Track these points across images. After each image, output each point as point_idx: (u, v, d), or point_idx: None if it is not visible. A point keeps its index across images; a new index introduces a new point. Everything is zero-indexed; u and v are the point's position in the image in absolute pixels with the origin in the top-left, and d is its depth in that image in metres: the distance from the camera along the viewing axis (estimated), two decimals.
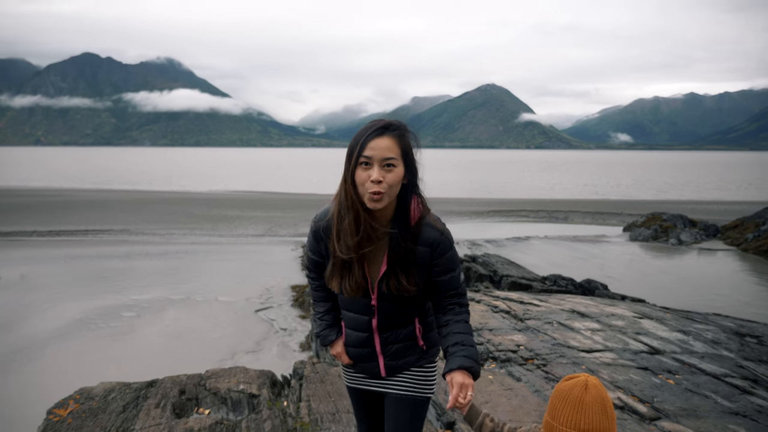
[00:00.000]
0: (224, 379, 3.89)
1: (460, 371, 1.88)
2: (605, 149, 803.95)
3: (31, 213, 24.85)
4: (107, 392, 3.67)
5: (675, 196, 38.08)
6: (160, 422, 3.41)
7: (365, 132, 1.92)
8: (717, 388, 3.52)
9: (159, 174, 64.20)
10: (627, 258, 16.24)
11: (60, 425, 3.35)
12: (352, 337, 2.17)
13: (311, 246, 2.18)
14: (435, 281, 2.03)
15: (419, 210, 2.01)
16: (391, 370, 2.15)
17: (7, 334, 8.61)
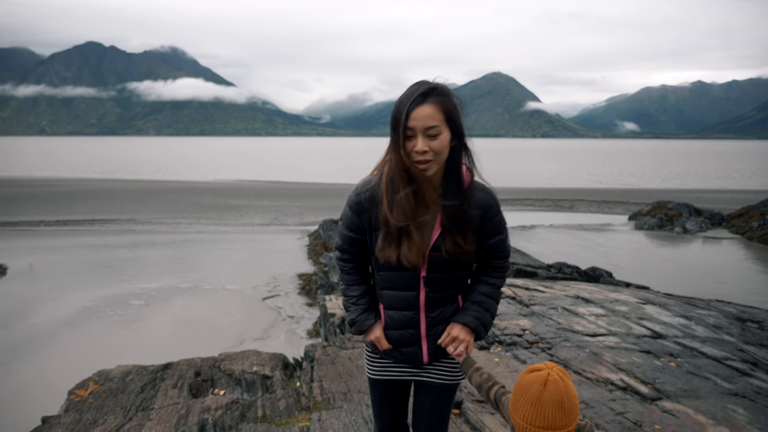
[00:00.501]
0: (238, 361, 4.00)
1: (463, 327, 1.95)
2: (612, 138, 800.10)
3: (38, 203, 24.98)
4: (125, 374, 3.80)
5: (681, 185, 37.94)
6: (178, 401, 3.52)
7: (407, 100, 1.86)
8: (717, 371, 3.58)
9: (164, 163, 64.35)
10: (632, 246, 16.24)
11: (82, 404, 3.47)
12: (395, 319, 2.08)
13: (350, 222, 2.08)
14: (485, 244, 2.02)
15: (469, 174, 2.00)
16: (434, 355, 2.09)
17: (19, 322, 8.73)
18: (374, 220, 1.99)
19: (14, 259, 13.40)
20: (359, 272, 2.14)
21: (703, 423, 2.83)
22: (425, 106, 1.83)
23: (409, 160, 1.86)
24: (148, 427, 3.18)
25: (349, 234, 2.08)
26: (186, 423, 3.25)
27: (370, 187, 1.99)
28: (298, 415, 3.22)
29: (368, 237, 2.04)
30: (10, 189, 30.53)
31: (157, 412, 3.36)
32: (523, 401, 1.52)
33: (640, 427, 2.72)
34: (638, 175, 49.19)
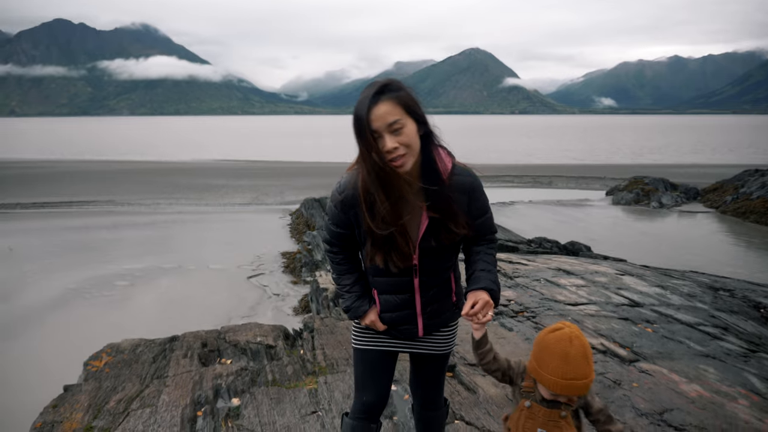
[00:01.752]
0: (241, 333, 4.21)
1: (485, 291, 1.96)
2: (589, 114, 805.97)
3: (13, 185, 24.54)
4: (134, 347, 4.00)
5: (657, 161, 38.59)
6: (191, 369, 3.77)
7: (363, 105, 1.86)
8: (690, 335, 3.83)
9: (140, 144, 63.34)
10: (609, 221, 16.58)
11: (99, 374, 3.69)
12: (390, 303, 2.13)
13: (336, 219, 2.10)
14: (473, 225, 2.08)
15: (449, 159, 2.04)
16: (428, 329, 2.17)
17: (3, 304, 8.69)
18: (360, 218, 2.01)
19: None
20: (350, 261, 2.18)
21: (676, 381, 3.06)
22: (381, 104, 1.84)
23: (383, 162, 1.86)
24: (166, 392, 3.44)
25: (336, 230, 2.11)
26: (201, 388, 3.51)
27: (352, 185, 2.00)
28: (305, 379, 3.43)
29: (356, 231, 2.07)
30: None
31: (172, 379, 3.64)
32: (552, 358, 1.68)
33: (619, 385, 2.94)
34: (615, 150, 49.83)
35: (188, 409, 3.29)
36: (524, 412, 1.82)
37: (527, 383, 1.84)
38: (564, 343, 1.67)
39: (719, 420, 2.63)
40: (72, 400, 3.42)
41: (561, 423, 1.76)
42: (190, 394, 3.43)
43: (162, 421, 3.17)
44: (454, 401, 3.20)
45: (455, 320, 2.25)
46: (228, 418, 3.22)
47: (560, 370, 1.66)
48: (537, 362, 1.73)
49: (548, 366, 1.68)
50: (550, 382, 1.68)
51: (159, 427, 3.12)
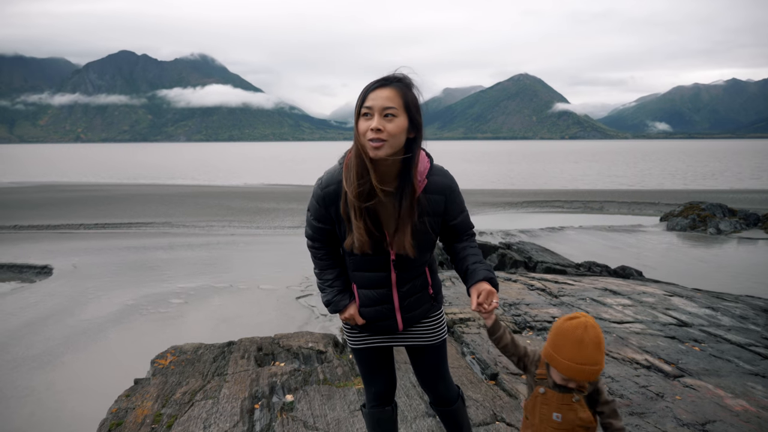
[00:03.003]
0: (294, 339, 4.44)
1: (485, 282, 2.04)
2: (642, 139, 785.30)
3: (77, 207, 25.81)
4: (196, 348, 4.35)
5: (714, 186, 37.24)
6: (248, 368, 4.11)
7: (369, 85, 1.98)
8: (740, 355, 3.75)
9: (195, 168, 65.60)
10: (663, 247, 16.11)
11: (165, 370, 4.10)
12: (369, 297, 2.20)
13: (317, 214, 2.17)
14: (451, 225, 2.19)
15: (427, 160, 2.10)
16: (408, 323, 2.25)
17: (69, 318, 9.16)
18: (340, 213, 2.09)
19: (58, 260, 13.94)
20: (331, 257, 2.24)
21: (722, 396, 3.02)
22: (385, 89, 1.95)
23: (363, 140, 1.95)
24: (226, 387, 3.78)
25: (317, 225, 2.19)
26: (258, 384, 3.83)
27: (335, 181, 2.09)
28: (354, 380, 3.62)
29: (337, 227, 2.15)
30: (50, 194, 31.62)
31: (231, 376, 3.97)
32: (567, 343, 1.82)
33: (662, 398, 2.94)
34: (670, 175, 48.38)
35: (247, 401, 3.57)
36: (539, 398, 1.93)
37: (541, 370, 1.96)
38: (580, 330, 1.79)
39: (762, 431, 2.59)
40: (142, 391, 3.80)
41: (575, 406, 1.86)
42: (248, 389, 3.71)
43: (223, 411, 3.47)
44: (496, 405, 3.36)
45: (436, 311, 2.32)
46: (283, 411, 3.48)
47: (574, 355, 1.78)
48: (552, 347, 1.85)
49: (563, 350, 1.80)
50: (564, 366, 1.80)
51: (221, 416, 3.42)
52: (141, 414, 3.46)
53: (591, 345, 1.78)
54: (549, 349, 1.87)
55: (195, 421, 3.35)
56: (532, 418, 1.96)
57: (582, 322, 1.81)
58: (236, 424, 3.32)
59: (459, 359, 4.01)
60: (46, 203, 26.93)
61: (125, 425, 3.39)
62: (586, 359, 1.78)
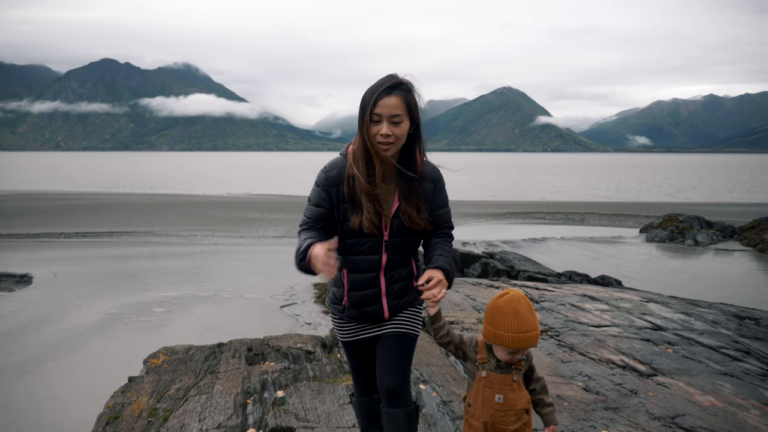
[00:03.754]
0: (283, 340, 4.56)
1: (441, 271, 2.19)
2: (623, 152, 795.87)
3: (57, 216, 25.50)
4: (187, 349, 4.48)
5: (692, 199, 37.95)
6: (239, 367, 4.27)
7: (376, 90, 2.18)
8: (711, 356, 3.92)
9: (178, 178, 65.16)
10: (643, 258, 16.39)
11: (158, 369, 4.27)
12: (358, 280, 2.34)
13: (318, 198, 2.33)
14: (434, 215, 2.37)
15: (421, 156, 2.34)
16: (393, 310, 2.38)
17: (49, 327, 9.08)
18: (341, 195, 2.28)
19: (38, 269, 13.79)
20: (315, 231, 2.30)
21: (692, 392, 3.15)
22: (392, 96, 2.16)
23: (371, 141, 2.18)
24: (219, 383, 3.95)
25: (316, 209, 2.33)
26: (249, 381, 3.99)
27: (339, 165, 2.32)
28: (343, 377, 3.76)
29: (336, 210, 2.31)
30: (30, 202, 31.20)
31: (223, 374, 4.14)
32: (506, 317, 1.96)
33: (636, 394, 3.08)
34: (650, 188, 49.18)
35: (239, 396, 3.74)
36: (482, 382, 2.05)
37: (482, 354, 2.08)
38: (514, 302, 1.95)
39: (728, 425, 2.73)
40: (137, 388, 3.95)
41: (514, 386, 2.01)
42: (240, 386, 3.88)
43: (217, 405, 3.64)
44: None
45: (419, 304, 2.46)
46: (274, 405, 3.63)
47: (515, 326, 1.92)
48: (492, 325, 1.98)
49: (503, 324, 1.93)
50: (508, 339, 1.93)
51: (215, 410, 3.58)
52: (137, 408, 3.60)
53: (527, 313, 1.94)
54: (490, 328, 1.98)
55: (190, 414, 3.50)
56: (474, 404, 2.05)
57: (513, 296, 1.97)
58: (230, 417, 3.47)
59: (443, 359, 4.16)
60: (25, 212, 26.58)
61: (122, 418, 3.53)
62: (526, 326, 1.92)
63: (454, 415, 3.28)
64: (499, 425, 2.01)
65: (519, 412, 2.01)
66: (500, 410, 2.00)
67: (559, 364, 3.74)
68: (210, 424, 3.39)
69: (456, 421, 3.19)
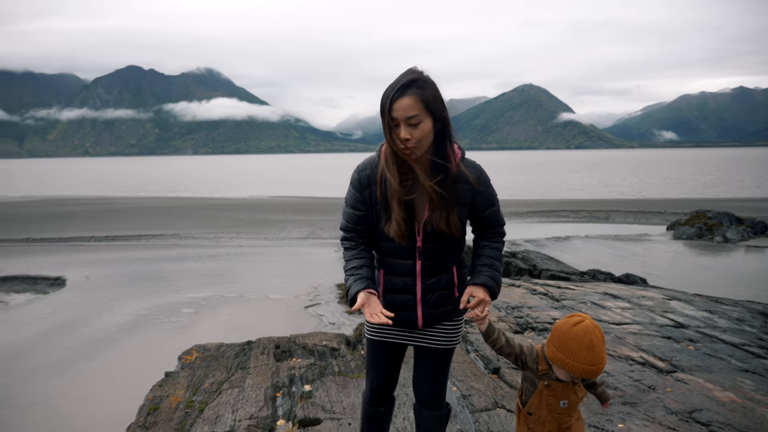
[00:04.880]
0: (309, 338, 4.77)
1: (483, 288, 2.13)
2: (649, 148, 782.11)
3: (87, 220, 26.11)
4: (218, 347, 4.77)
5: (721, 194, 37.21)
6: (268, 362, 4.54)
7: (390, 92, 2.02)
8: (733, 353, 3.91)
9: (202, 181, 66.10)
10: (669, 256, 16.16)
11: (192, 365, 4.58)
12: (394, 284, 2.24)
13: (353, 200, 2.23)
14: (479, 217, 2.23)
15: (459, 153, 2.18)
16: (428, 320, 2.25)
17: (83, 327, 9.36)
18: (374, 196, 2.18)
19: (71, 272, 14.16)
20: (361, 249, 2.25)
21: (711, 389, 3.17)
22: (405, 98, 1.99)
23: (396, 146, 2.05)
24: (249, 378, 4.22)
25: (352, 211, 2.23)
26: (278, 376, 4.26)
27: (371, 165, 2.20)
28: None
29: (370, 211, 2.21)
30: (61, 207, 32.00)
31: (253, 369, 4.42)
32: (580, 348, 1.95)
33: (654, 390, 3.12)
34: (677, 184, 48.35)
35: (269, 390, 3.99)
36: (545, 391, 2.09)
37: (543, 366, 2.10)
38: (589, 334, 1.94)
39: (746, 420, 2.74)
40: (173, 382, 4.21)
41: (575, 389, 2.08)
42: (269, 380, 4.14)
43: (248, 398, 3.89)
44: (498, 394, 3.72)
45: (458, 316, 2.32)
46: (302, 398, 3.85)
47: (588, 359, 1.93)
48: (562, 352, 1.98)
49: (576, 355, 1.94)
50: (579, 369, 1.95)
51: (246, 402, 3.82)
52: (175, 401, 3.87)
53: (600, 345, 1.94)
54: (559, 354, 1.98)
55: (224, 406, 3.75)
56: (538, 412, 2.09)
57: (588, 327, 1.95)
58: (261, 409, 3.71)
59: (464, 356, 4.27)
60: (57, 217, 27.28)
61: (161, 410, 3.78)
62: (598, 360, 1.94)
63: (473, 408, 3.42)
64: (563, 426, 2.10)
65: (577, 407, 2.13)
66: (565, 413, 2.09)
67: None
68: (243, 415, 3.62)
69: (475, 413, 3.31)
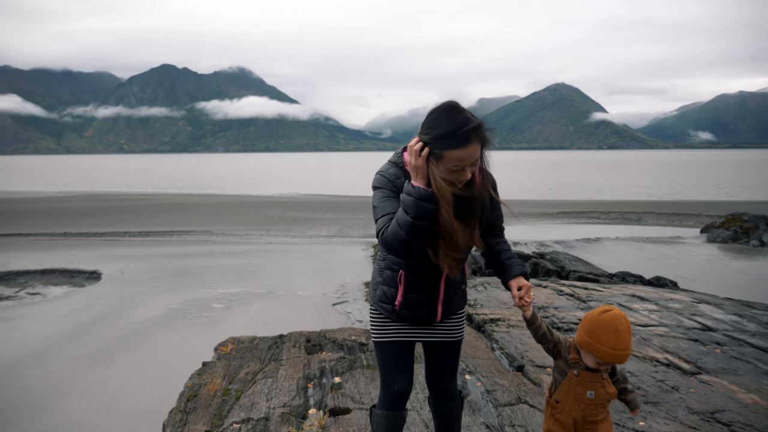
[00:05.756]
0: (338, 333, 4.94)
1: (521, 277, 2.28)
2: (685, 148, 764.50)
3: (122, 216, 26.78)
4: (251, 339, 5.00)
5: (758, 197, 36.25)
6: (300, 355, 4.77)
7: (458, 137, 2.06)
8: (760, 357, 3.90)
9: (234, 178, 67.09)
10: (703, 259, 15.86)
11: (228, 356, 4.83)
12: (417, 285, 2.33)
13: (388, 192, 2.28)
14: (491, 218, 2.38)
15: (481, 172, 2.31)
16: (444, 315, 2.41)
17: (118, 320, 9.66)
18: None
19: (106, 266, 14.58)
20: None
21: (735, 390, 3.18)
22: (472, 145, 2.09)
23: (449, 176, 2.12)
24: (282, 369, 4.43)
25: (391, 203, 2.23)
26: (309, 368, 4.45)
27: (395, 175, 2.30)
28: None
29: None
30: (96, 203, 32.88)
31: (286, 361, 4.63)
32: (606, 333, 2.11)
33: (677, 391, 3.15)
34: (712, 186, 47.24)
35: (301, 381, 4.19)
36: (573, 380, 2.22)
37: (573, 355, 2.24)
38: (616, 321, 2.09)
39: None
40: (211, 371, 4.44)
41: (604, 383, 2.19)
42: (301, 371, 4.34)
43: (282, 387, 4.10)
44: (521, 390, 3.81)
45: (463, 308, 2.52)
46: (332, 389, 4.04)
47: (613, 343, 2.07)
48: (591, 336, 2.13)
49: (602, 339, 2.08)
50: (605, 353, 2.09)
51: (280, 391, 4.03)
52: (212, 388, 4.12)
53: (626, 333, 2.09)
54: (587, 339, 2.13)
55: (259, 395, 3.96)
56: (565, 400, 2.22)
57: (616, 314, 2.11)
58: (294, 398, 3.91)
59: (489, 353, 4.35)
60: (93, 212, 28.04)
61: (200, 396, 4.02)
62: (623, 345, 2.08)
63: (496, 402, 3.51)
64: (588, 418, 2.21)
65: (606, 404, 2.22)
66: (591, 405, 2.20)
67: None
68: (276, 404, 3.80)
69: (498, 408, 3.39)
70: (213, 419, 3.65)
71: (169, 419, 3.68)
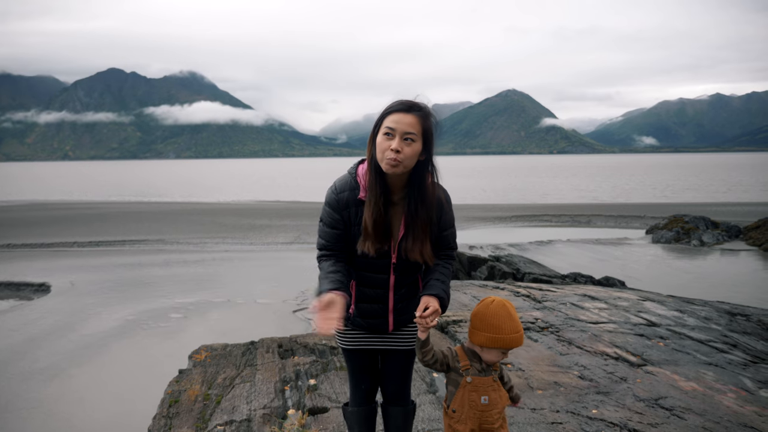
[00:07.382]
0: (309, 337, 5.15)
1: (436, 298, 2.25)
2: (630, 153, 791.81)
3: (70, 225, 25.90)
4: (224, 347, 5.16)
5: (698, 199, 38.01)
6: (274, 360, 4.91)
7: (394, 106, 2.18)
8: (699, 348, 4.24)
9: (186, 185, 65.73)
10: (648, 259, 16.57)
11: (203, 363, 4.89)
12: (367, 295, 2.39)
13: (329, 219, 2.33)
14: (440, 236, 2.37)
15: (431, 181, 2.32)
16: (398, 324, 2.44)
17: (71, 333, 9.41)
18: (353, 217, 2.30)
19: (55, 278, 14.11)
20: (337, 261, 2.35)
21: (676, 379, 3.47)
22: (410, 115, 2.16)
23: (380, 155, 2.18)
24: (258, 373, 4.58)
25: (330, 230, 2.34)
26: (285, 371, 4.61)
27: (348, 188, 2.33)
28: None
29: (348, 231, 2.33)
30: (42, 212, 31.68)
31: (261, 366, 4.78)
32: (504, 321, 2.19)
33: (625, 381, 3.43)
34: (656, 189, 49.23)
35: (278, 383, 4.36)
36: (467, 387, 2.25)
37: (464, 362, 2.28)
38: (506, 307, 2.19)
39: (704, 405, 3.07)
40: (188, 378, 4.54)
41: (495, 386, 2.25)
42: (277, 375, 4.51)
43: (260, 390, 4.27)
44: None
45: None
46: (309, 390, 4.21)
47: (511, 327, 2.16)
48: (490, 331, 2.18)
49: (502, 328, 2.16)
50: (510, 340, 2.17)
51: (259, 394, 4.21)
52: (192, 394, 4.24)
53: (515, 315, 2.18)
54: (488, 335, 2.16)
55: (239, 398, 4.14)
56: (461, 409, 2.22)
57: (501, 301, 2.20)
58: (273, 400, 4.09)
59: None
60: (39, 221, 27.03)
61: (182, 402, 4.13)
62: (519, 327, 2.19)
63: None
64: (485, 426, 2.21)
65: (501, 410, 2.25)
66: (486, 411, 2.20)
67: (557, 356, 4.16)
68: (257, 406, 3.98)
69: None
70: (197, 422, 3.77)
71: (153, 424, 3.79)
